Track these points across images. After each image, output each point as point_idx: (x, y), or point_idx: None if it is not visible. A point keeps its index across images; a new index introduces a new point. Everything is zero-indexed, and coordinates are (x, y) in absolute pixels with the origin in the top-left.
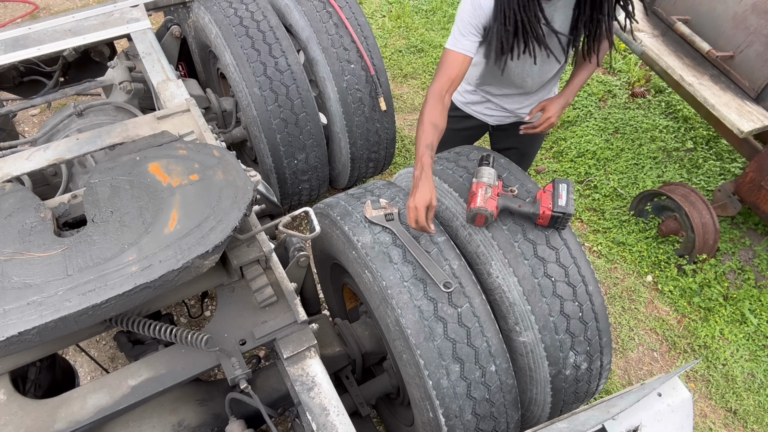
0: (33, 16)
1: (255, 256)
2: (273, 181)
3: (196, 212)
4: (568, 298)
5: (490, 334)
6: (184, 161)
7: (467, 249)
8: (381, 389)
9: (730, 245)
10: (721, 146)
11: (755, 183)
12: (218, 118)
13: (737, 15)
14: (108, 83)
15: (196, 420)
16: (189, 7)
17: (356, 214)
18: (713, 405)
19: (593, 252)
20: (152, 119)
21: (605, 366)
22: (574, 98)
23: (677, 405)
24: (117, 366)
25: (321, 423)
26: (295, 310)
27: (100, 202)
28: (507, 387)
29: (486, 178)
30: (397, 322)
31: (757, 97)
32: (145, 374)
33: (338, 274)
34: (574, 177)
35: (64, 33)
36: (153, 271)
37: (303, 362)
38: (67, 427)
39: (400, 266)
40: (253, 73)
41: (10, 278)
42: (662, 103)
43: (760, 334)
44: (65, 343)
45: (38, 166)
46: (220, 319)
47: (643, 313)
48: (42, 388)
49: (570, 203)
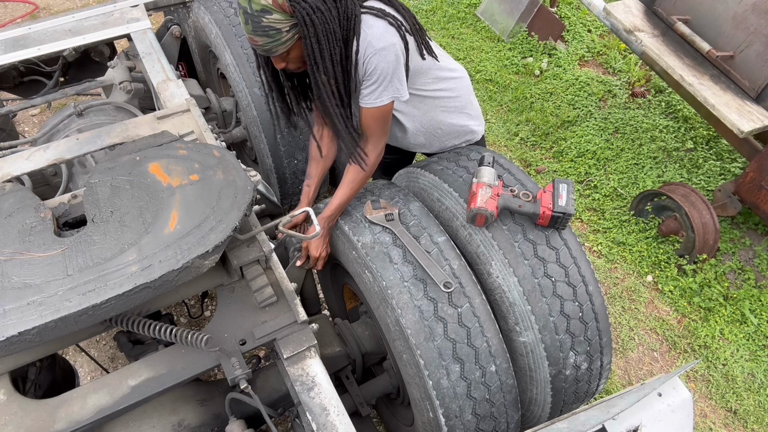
0: (33, 16)
1: (255, 256)
2: (273, 181)
3: (196, 212)
4: (568, 298)
5: (490, 334)
6: (184, 161)
7: (467, 249)
8: (381, 389)
9: (730, 245)
10: (721, 146)
11: (755, 183)
12: (218, 118)
13: (737, 15)
14: (108, 83)
15: (196, 420)
16: (189, 7)
17: (356, 214)
18: (713, 405)
19: (593, 252)
20: (152, 119)
21: (605, 366)
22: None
23: (677, 405)
24: (117, 366)
25: (321, 423)
26: (295, 310)
27: (100, 202)
28: (507, 387)
29: (486, 178)
30: (397, 322)
31: (757, 97)
32: (145, 374)
33: (338, 274)
34: (574, 177)
35: (64, 33)
36: (153, 271)
37: (303, 362)
38: (67, 427)
39: (400, 266)
40: (253, 73)
41: (10, 278)
42: (662, 103)
43: (760, 334)
44: (65, 343)
45: (38, 166)
46: (220, 319)
47: (643, 313)
48: (42, 388)
49: (570, 203)
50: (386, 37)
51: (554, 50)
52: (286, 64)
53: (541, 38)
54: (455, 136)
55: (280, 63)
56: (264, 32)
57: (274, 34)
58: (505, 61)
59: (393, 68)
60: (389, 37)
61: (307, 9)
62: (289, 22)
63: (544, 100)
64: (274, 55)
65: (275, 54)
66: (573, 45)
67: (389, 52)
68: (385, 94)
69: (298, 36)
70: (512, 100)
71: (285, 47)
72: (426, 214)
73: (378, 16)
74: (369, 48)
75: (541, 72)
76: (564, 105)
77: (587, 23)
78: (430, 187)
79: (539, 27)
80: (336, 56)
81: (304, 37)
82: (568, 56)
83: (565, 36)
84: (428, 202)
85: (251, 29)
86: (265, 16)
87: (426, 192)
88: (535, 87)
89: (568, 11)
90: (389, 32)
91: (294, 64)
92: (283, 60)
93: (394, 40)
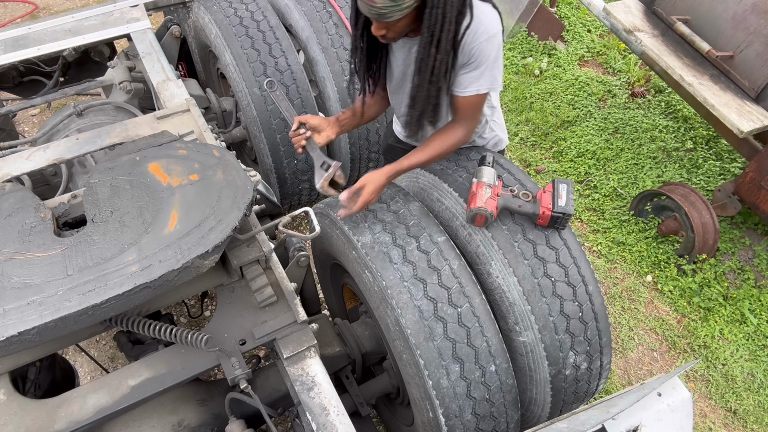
0: (33, 16)
1: (255, 256)
2: (273, 181)
3: (196, 212)
4: (567, 298)
5: (490, 334)
6: (184, 161)
7: (467, 249)
8: (381, 389)
9: (730, 245)
10: (721, 146)
11: (755, 183)
12: (218, 118)
13: (737, 15)
14: (108, 83)
15: (196, 420)
16: (189, 7)
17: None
18: (713, 405)
19: (593, 252)
20: (152, 119)
21: (605, 366)
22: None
23: (677, 405)
24: (117, 366)
25: (321, 423)
26: (295, 310)
27: (100, 202)
28: (507, 387)
29: (486, 178)
30: (397, 322)
31: (756, 97)
32: (145, 374)
33: (338, 274)
34: (574, 177)
35: (64, 33)
36: (153, 271)
37: (303, 362)
38: (67, 427)
39: (400, 266)
40: (253, 73)
41: (10, 278)
42: (662, 103)
43: (759, 334)
44: (65, 343)
45: (38, 166)
46: (220, 319)
47: (643, 313)
48: (42, 388)
49: (570, 203)
50: (495, 24)
51: (554, 50)
52: (386, 32)
53: (540, 38)
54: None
55: (382, 30)
56: None
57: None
58: (504, 61)
59: (497, 56)
60: (497, 25)
61: None
62: None
63: (543, 100)
64: (385, 21)
65: (388, 19)
66: (573, 45)
67: (498, 39)
68: (485, 82)
69: (415, 5)
70: (512, 100)
71: (401, 14)
72: (426, 214)
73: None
74: (483, 33)
75: (540, 72)
76: (564, 105)
77: (587, 23)
78: (430, 187)
79: (539, 27)
80: (451, 32)
81: (431, 7)
82: (568, 56)
83: (564, 36)
84: (428, 202)
85: None
86: None
87: (426, 192)
88: (535, 87)
89: (568, 11)
90: (497, 20)
91: (394, 33)
92: (387, 28)
93: (500, 28)
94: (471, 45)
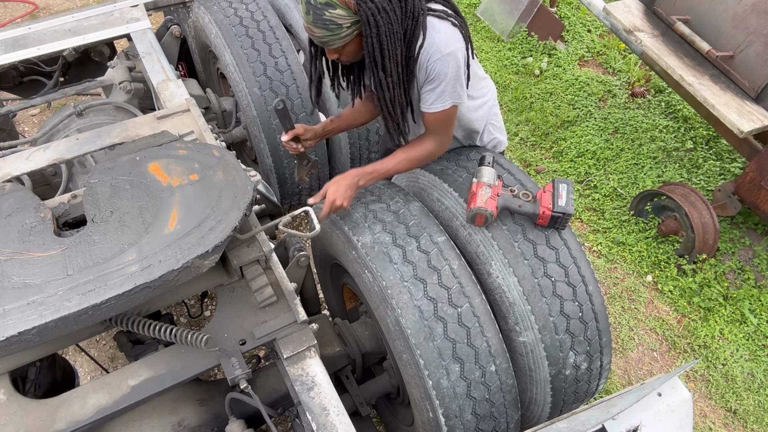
0: (33, 16)
1: (255, 256)
2: (273, 181)
3: (196, 212)
4: (568, 298)
5: (490, 334)
6: (184, 161)
7: (467, 249)
8: (381, 389)
9: (730, 245)
10: (721, 146)
11: (755, 183)
12: (218, 118)
13: (737, 15)
14: (108, 83)
15: (196, 420)
16: (189, 7)
17: (356, 214)
18: (713, 405)
19: (593, 252)
20: (152, 119)
21: (605, 366)
22: (368, 180)
23: (677, 405)
24: (117, 366)
25: (321, 423)
26: (295, 310)
27: (100, 202)
28: (507, 387)
29: (486, 178)
30: (397, 322)
31: (757, 97)
32: (145, 374)
33: (338, 274)
34: (574, 177)
35: (64, 33)
36: (153, 271)
37: (303, 362)
38: (67, 427)
39: (400, 266)
40: (253, 73)
41: (10, 278)
42: (662, 103)
43: (760, 334)
44: (65, 343)
45: (38, 166)
46: (220, 319)
47: (643, 313)
48: (42, 388)
49: (570, 203)
50: (452, 41)
51: (554, 50)
52: (338, 56)
53: (540, 38)
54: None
55: (333, 55)
56: (324, 25)
57: (334, 29)
58: (504, 61)
59: (456, 73)
60: (455, 42)
61: (372, 9)
62: (351, 19)
63: (543, 100)
64: (329, 48)
65: (331, 47)
66: (573, 45)
67: (454, 57)
68: (447, 99)
69: (357, 32)
70: (512, 100)
71: (342, 42)
72: (426, 214)
73: (442, 17)
74: (435, 52)
75: (540, 72)
76: (564, 105)
77: (587, 23)
78: (430, 187)
79: (539, 27)
80: (397, 57)
81: (366, 36)
82: (568, 56)
83: (564, 36)
84: (428, 202)
85: (311, 20)
86: (328, 9)
87: (426, 192)
88: (535, 87)
89: (568, 11)
90: (455, 36)
91: (347, 57)
92: (337, 53)
93: (459, 45)
94: (426, 64)
